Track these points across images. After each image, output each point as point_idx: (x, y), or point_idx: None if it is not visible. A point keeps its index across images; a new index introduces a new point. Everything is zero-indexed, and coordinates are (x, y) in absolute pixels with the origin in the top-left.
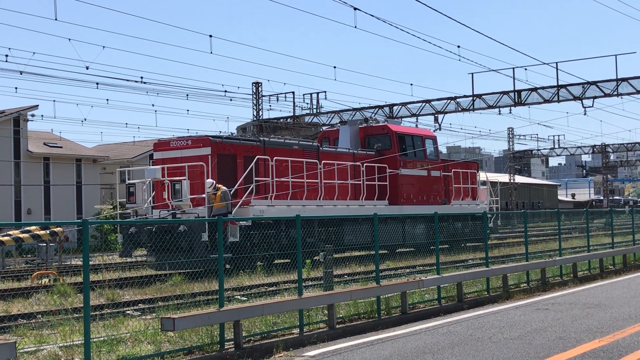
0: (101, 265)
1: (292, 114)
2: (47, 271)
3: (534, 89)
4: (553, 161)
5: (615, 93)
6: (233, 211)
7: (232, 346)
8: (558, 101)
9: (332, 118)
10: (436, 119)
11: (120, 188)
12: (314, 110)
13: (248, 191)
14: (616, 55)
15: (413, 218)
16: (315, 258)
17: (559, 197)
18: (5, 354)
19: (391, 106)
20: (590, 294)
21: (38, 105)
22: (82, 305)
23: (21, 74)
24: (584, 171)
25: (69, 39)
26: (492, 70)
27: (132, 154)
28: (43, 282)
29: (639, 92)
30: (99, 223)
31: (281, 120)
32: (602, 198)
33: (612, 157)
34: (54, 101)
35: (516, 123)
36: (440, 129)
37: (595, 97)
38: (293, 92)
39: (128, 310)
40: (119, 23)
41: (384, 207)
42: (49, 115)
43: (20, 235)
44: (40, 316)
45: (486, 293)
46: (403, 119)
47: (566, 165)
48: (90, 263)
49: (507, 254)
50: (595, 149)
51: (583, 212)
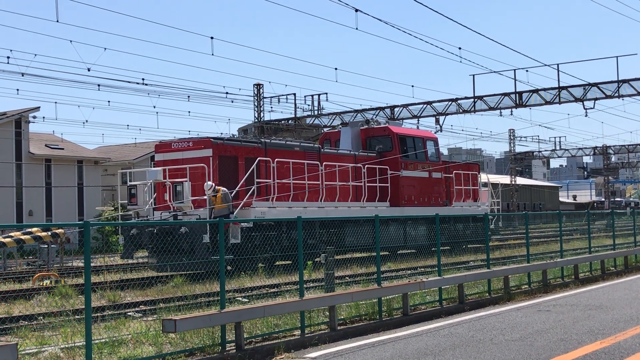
0: (102, 266)
1: (294, 116)
2: (49, 273)
3: (535, 91)
4: (554, 163)
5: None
6: (235, 212)
7: (234, 348)
8: (559, 103)
9: (334, 120)
10: (437, 121)
11: (121, 190)
12: (315, 111)
13: (249, 193)
14: (617, 56)
15: (414, 220)
16: (316, 260)
17: (560, 199)
18: (6, 356)
19: (392, 108)
20: (591, 296)
21: (39, 106)
22: (84, 306)
23: (23, 76)
24: (585, 173)
25: (71, 41)
26: (493, 71)
27: (134, 156)
28: (44, 284)
29: None
30: (101, 225)
31: (282, 122)
32: (604, 199)
33: (614, 159)
34: (56, 103)
35: (517, 124)
36: (441, 131)
37: (596, 99)
38: (294, 94)
39: (129, 311)
40: (121, 25)
41: (385, 209)
42: (51, 117)
43: (21, 236)
44: (41, 318)
45: (487, 294)
46: (404, 121)
47: (567, 166)
48: (91, 264)
49: (509, 256)
50: (596, 151)
51: (584, 214)
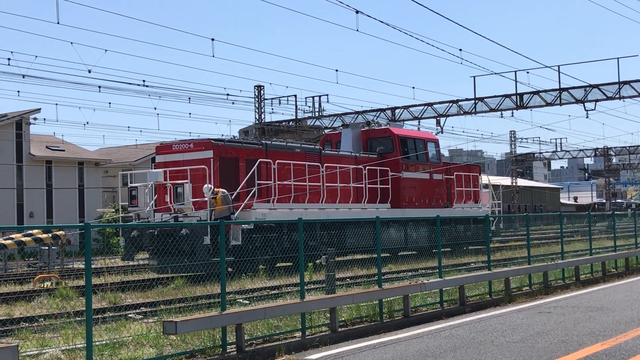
0: (103, 268)
1: (294, 117)
2: (50, 274)
3: (536, 92)
4: (555, 164)
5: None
6: (236, 213)
7: (234, 349)
8: (560, 104)
9: (334, 121)
10: (438, 122)
11: (122, 191)
12: (316, 113)
13: (250, 194)
14: (618, 58)
15: (415, 221)
16: (317, 261)
17: (561, 200)
18: (7, 358)
19: (393, 109)
20: (592, 297)
21: (40, 108)
22: (84, 308)
23: (23, 78)
24: (586, 174)
25: (72, 43)
26: (494, 73)
27: (135, 157)
28: (45, 286)
29: None
30: (101, 226)
31: (283, 123)
32: (605, 201)
33: (615, 160)
34: (57, 104)
35: (518, 126)
36: (442, 132)
37: (597, 100)
38: (295, 95)
39: (130, 313)
40: (121, 26)
41: (386, 211)
42: (52, 118)
43: (22, 238)
44: (42, 319)
45: (488, 296)
46: (405, 122)
47: (568, 168)
48: (92, 266)
49: (510, 257)
50: (597, 152)
51: (585, 215)
